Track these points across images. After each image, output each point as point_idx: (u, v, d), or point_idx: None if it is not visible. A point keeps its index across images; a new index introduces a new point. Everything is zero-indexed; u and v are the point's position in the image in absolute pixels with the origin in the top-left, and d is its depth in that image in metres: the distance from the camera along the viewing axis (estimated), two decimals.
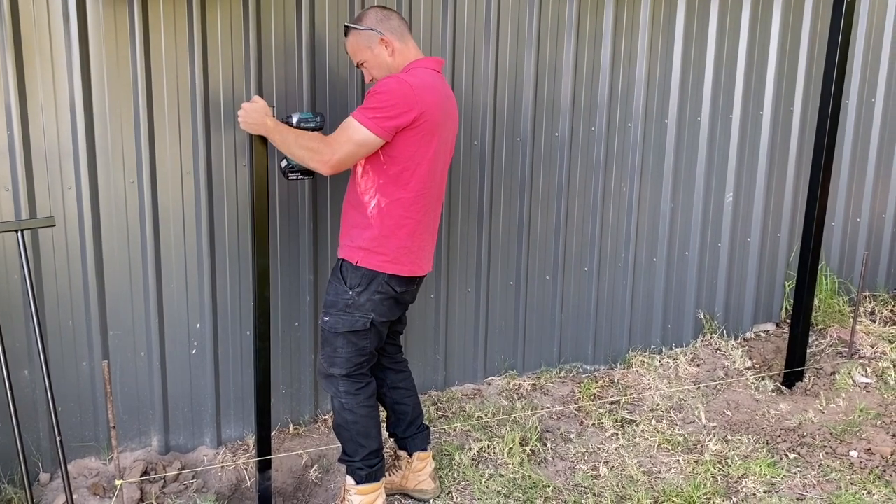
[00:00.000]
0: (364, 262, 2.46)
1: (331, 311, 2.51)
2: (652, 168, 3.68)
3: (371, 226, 2.45)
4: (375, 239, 2.45)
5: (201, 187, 2.82)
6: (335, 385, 2.56)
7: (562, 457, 3.07)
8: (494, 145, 3.33)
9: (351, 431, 2.57)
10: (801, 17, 3.84)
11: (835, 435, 3.20)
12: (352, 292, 2.47)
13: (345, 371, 2.53)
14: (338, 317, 2.49)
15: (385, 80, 2.38)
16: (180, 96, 2.74)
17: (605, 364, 3.81)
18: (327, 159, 2.36)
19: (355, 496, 2.60)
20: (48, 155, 2.62)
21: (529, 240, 3.51)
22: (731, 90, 3.76)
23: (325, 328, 2.54)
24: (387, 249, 2.46)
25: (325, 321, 2.53)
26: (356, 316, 2.48)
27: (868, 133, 4.21)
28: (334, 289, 2.52)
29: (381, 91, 2.35)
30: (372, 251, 2.45)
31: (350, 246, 2.49)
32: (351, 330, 2.49)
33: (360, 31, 2.50)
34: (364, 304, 2.48)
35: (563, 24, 3.36)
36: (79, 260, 2.73)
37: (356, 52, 2.53)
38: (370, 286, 2.47)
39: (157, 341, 2.88)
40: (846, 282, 4.34)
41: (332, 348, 2.53)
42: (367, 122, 2.32)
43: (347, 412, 2.55)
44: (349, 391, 2.55)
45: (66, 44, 2.57)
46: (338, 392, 2.56)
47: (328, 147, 2.36)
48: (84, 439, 2.86)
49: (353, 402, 2.55)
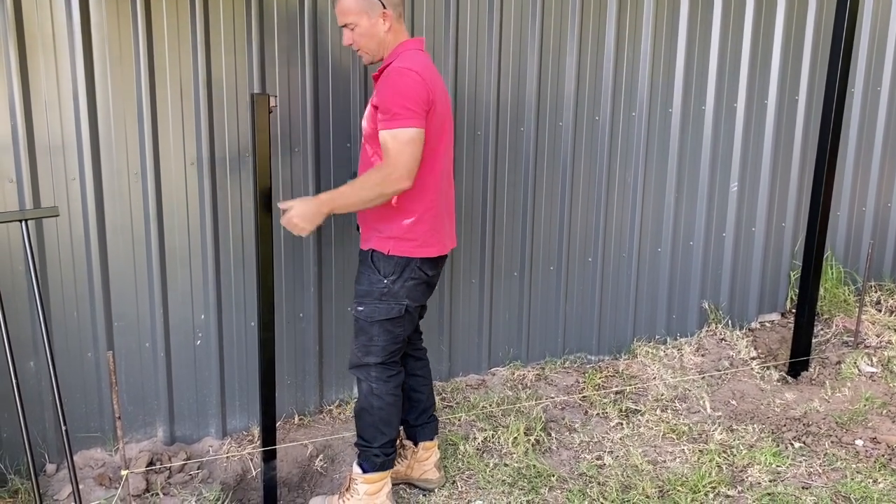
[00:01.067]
0: (395, 250, 2.47)
1: (365, 301, 2.51)
2: (656, 158, 3.67)
3: (400, 214, 2.45)
4: (405, 226, 2.46)
5: (205, 178, 2.82)
6: (367, 372, 2.57)
7: (566, 446, 3.07)
8: (498, 136, 3.32)
9: (374, 417, 2.59)
10: (805, 5, 3.81)
11: (840, 424, 3.20)
12: (386, 280, 2.48)
13: (380, 359, 2.55)
14: (373, 306, 2.50)
15: (394, 79, 2.33)
16: (183, 87, 2.74)
17: (610, 354, 3.81)
18: (398, 175, 2.31)
19: (361, 484, 2.61)
20: (52, 147, 2.62)
21: (534, 230, 3.51)
22: (735, 79, 3.74)
23: (359, 318, 2.53)
24: (416, 234, 2.48)
25: (360, 311, 2.52)
26: (391, 303, 2.50)
27: (874, 122, 4.19)
28: (367, 278, 2.51)
29: (398, 88, 2.31)
30: (402, 239, 2.47)
31: (379, 237, 2.48)
32: (387, 318, 2.51)
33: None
34: (398, 291, 2.49)
35: (567, 13, 3.34)
36: (83, 251, 2.73)
37: (350, 12, 2.40)
38: (404, 273, 2.49)
39: (162, 332, 2.89)
40: (852, 271, 4.33)
41: (367, 337, 2.54)
42: (406, 121, 2.30)
43: (375, 397, 2.57)
44: (380, 377, 2.57)
45: (69, 36, 2.56)
46: (369, 377, 2.57)
47: (390, 167, 2.31)
48: (89, 430, 2.87)
49: (382, 388, 2.58)
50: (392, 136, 2.31)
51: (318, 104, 2.96)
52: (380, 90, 2.36)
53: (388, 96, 2.32)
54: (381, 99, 2.33)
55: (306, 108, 2.94)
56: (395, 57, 2.42)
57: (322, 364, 3.21)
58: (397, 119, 2.29)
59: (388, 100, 2.31)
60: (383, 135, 2.32)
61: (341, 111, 3.01)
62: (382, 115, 2.32)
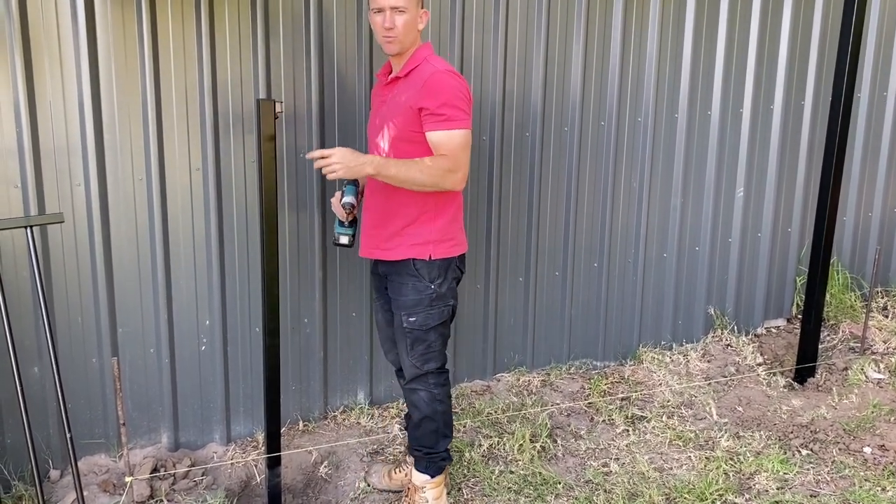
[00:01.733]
0: (437, 253, 2.46)
1: (416, 311, 2.48)
2: (662, 163, 3.66)
3: (437, 215, 2.45)
4: (441, 227, 2.46)
5: (210, 183, 2.82)
6: (426, 381, 2.56)
7: (572, 453, 3.06)
8: (503, 141, 3.31)
9: (438, 422, 2.60)
10: (811, 9, 3.80)
11: (848, 431, 3.18)
12: (433, 285, 2.47)
13: (439, 363, 2.56)
14: (426, 313, 2.48)
15: (446, 81, 2.33)
16: (188, 92, 2.73)
17: (615, 360, 3.79)
18: (461, 175, 2.35)
19: (430, 490, 2.63)
20: (57, 152, 2.62)
21: (539, 235, 3.50)
22: (741, 84, 3.73)
23: (413, 328, 2.49)
24: (452, 234, 2.49)
25: (413, 322, 2.48)
26: (441, 307, 2.50)
27: (880, 127, 4.18)
28: (413, 288, 2.47)
29: (453, 91, 2.32)
30: (441, 241, 2.46)
31: (415, 244, 2.45)
32: (441, 321, 2.51)
33: None
34: (445, 292, 2.50)
35: (573, 18, 3.33)
36: (88, 256, 2.73)
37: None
38: (447, 274, 2.50)
39: (167, 338, 2.88)
40: (858, 277, 4.31)
41: (425, 346, 2.52)
42: (462, 122, 2.32)
43: (438, 403, 2.58)
44: (439, 382, 2.58)
45: (74, 41, 2.56)
46: (428, 385, 2.56)
47: (454, 164, 2.32)
48: (94, 436, 2.87)
49: (443, 392, 2.59)
50: (449, 136, 2.32)
51: (323, 109, 2.96)
52: (428, 92, 2.31)
53: (444, 97, 2.31)
54: (434, 100, 2.31)
55: (312, 114, 2.93)
56: (419, 60, 2.40)
57: (327, 370, 3.20)
58: (454, 121, 2.31)
59: (443, 101, 2.30)
60: (439, 135, 2.32)
61: (347, 116, 3.00)
62: (435, 116, 2.31)
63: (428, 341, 2.51)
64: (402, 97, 2.38)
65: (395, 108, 2.40)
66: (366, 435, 3.13)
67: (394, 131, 2.40)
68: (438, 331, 2.52)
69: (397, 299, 2.52)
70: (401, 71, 2.42)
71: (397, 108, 2.39)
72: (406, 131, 2.37)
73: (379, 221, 2.51)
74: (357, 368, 3.26)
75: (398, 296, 2.51)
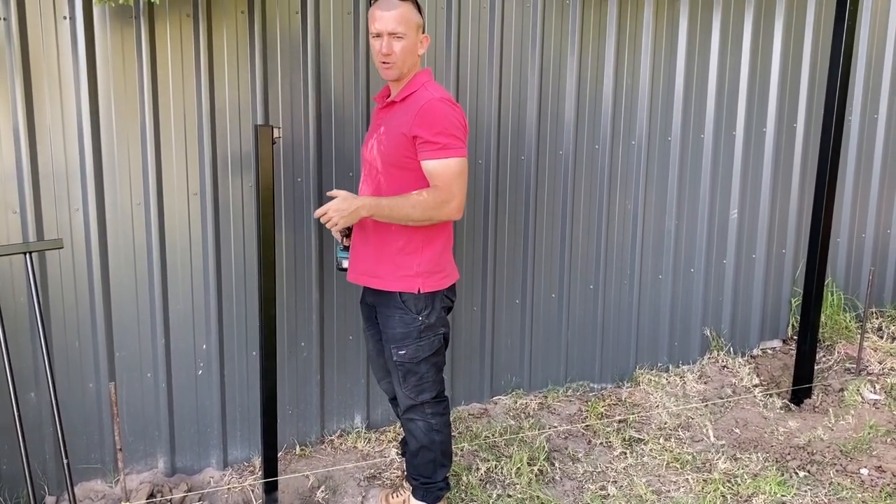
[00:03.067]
0: (427, 287, 2.42)
1: (405, 343, 2.44)
2: (656, 185, 3.69)
3: (426, 245, 2.41)
4: (432, 259, 2.42)
5: (208, 208, 2.83)
6: (422, 411, 2.53)
7: (570, 476, 3.05)
8: (499, 164, 3.34)
9: (436, 452, 2.57)
10: (802, 34, 3.86)
11: (844, 452, 3.18)
12: (421, 317, 2.43)
13: (434, 392, 2.53)
14: (415, 345, 2.45)
15: (443, 109, 2.31)
16: (187, 118, 2.76)
17: (612, 382, 3.79)
18: (455, 206, 2.32)
19: None
20: (56, 177, 2.63)
21: (534, 257, 3.51)
22: (734, 107, 3.77)
23: (404, 361, 2.46)
24: (442, 265, 2.46)
25: (403, 354, 2.45)
26: (431, 337, 2.47)
27: (871, 149, 4.22)
28: (400, 320, 2.43)
29: (449, 119, 2.31)
30: (431, 273, 2.42)
31: (404, 276, 2.41)
32: (432, 352, 2.48)
33: (419, 12, 2.39)
34: (434, 322, 2.46)
35: (566, 43, 3.38)
36: (86, 281, 2.74)
37: (405, 23, 2.32)
38: (434, 305, 2.46)
39: (164, 362, 2.88)
40: (853, 298, 4.33)
41: (417, 377, 2.49)
42: (457, 151, 2.30)
43: (436, 433, 2.55)
44: (436, 412, 2.55)
45: (73, 67, 2.59)
46: (425, 415, 2.53)
47: (447, 195, 2.31)
48: (90, 461, 2.85)
49: (441, 421, 2.56)
50: (445, 165, 2.30)
51: (321, 134, 2.98)
52: (423, 120, 2.30)
53: (439, 126, 2.29)
54: (429, 128, 2.29)
55: (309, 139, 2.96)
56: (418, 85, 2.38)
57: (324, 393, 3.20)
58: (449, 149, 2.29)
59: (438, 130, 2.29)
60: (434, 164, 2.30)
61: (344, 141, 3.03)
62: (430, 144, 2.29)
63: (419, 373, 2.48)
64: (397, 122, 2.36)
65: (389, 132, 2.38)
66: (363, 459, 3.12)
67: (387, 157, 2.38)
68: (430, 361, 2.49)
69: (386, 332, 2.49)
70: (397, 95, 2.41)
71: (391, 134, 2.37)
72: (399, 158, 2.36)
73: (368, 246, 2.47)
74: (354, 392, 3.26)
75: (386, 328, 2.48)
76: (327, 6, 2.91)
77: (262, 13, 2.80)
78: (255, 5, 2.78)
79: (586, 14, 3.39)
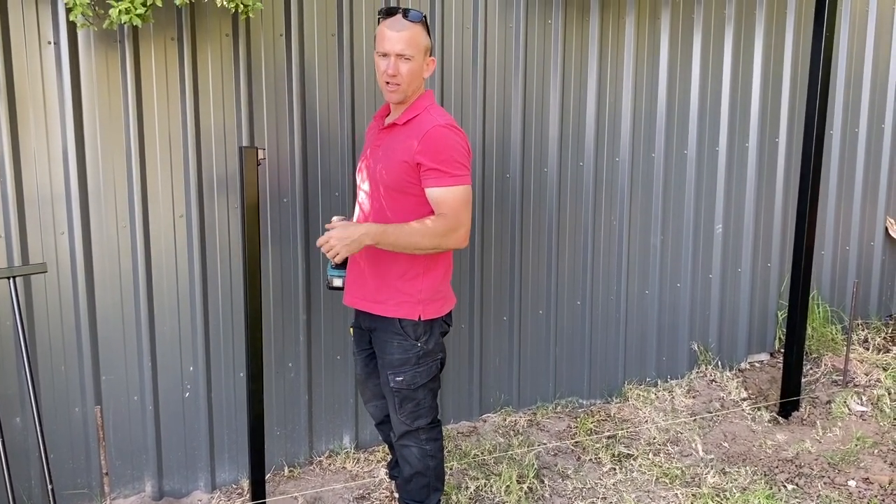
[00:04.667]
0: (427, 314, 2.39)
1: (404, 370, 2.41)
2: (641, 201, 3.72)
3: (427, 272, 2.38)
4: (433, 286, 2.39)
5: (194, 230, 2.84)
6: (416, 437, 2.50)
7: (559, 493, 3.05)
8: (484, 182, 3.36)
9: (430, 477, 2.55)
10: (782, 50, 3.91)
11: (832, 464, 3.19)
12: (420, 343, 2.40)
13: (430, 418, 2.50)
14: (413, 371, 2.41)
15: (448, 136, 2.28)
16: (172, 140, 2.77)
17: (601, 398, 3.80)
18: (463, 234, 2.29)
19: None
20: (41, 201, 2.64)
21: (521, 274, 3.53)
22: (716, 123, 3.82)
23: (401, 388, 2.42)
24: (443, 292, 2.44)
25: (400, 381, 2.41)
26: (430, 363, 2.44)
27: (853, 162, 4.27)
28: (399, 346, 2.40)
29: (455, 147, 2.28)
30: (432, 300, 2.40)
31: (405, 302, 2.38)
32: (430, 378, 2.45)
33: (428, 35, 2.34)
34: (433, 348, 2.44)
35: (549, 62, 3.41)
36: (71, 305, 2.73)
37: (414, 45, 2.28)
38: (433, 330, 2.43)
39: (151, 385, 2.87)
40: (838, 310, 4.36)
41: (414, 403, 2.46)
42: (462, 179, 2.27)
43: (430, 458, 2.53)
44: (431, 437, 2.52)
45: (58, 91, 2.60)
46: (419, 440, 2.51)
47: (455, 223, 2.27)
48: (76, 486, 2.83)
49: (435, 447, 2.54)
50: (452, 193, 2.26)
51: (306, 155, 3.00)
52: (427, 147, 2.26)
53: (444, 154, 2.26)
54: (433, 156, 2.26)
55: (295, 159, 2.97)
56: (419, 109, 2.34)
57: (312, 414, 3.19)
58: (454, 176, 2.26)
59: (444, 157, 2.26)
60: (439, 192, 2.26)
61: (329, 160, 3.04)
62: (435, 172, 2.26)
63: (416, 399, 2.45)
64: (400, 147, 2.31)
65: (391, 155, 2.33)
66: (352, 480, 3.11)
67: (388, 181, 2.34)
68: (427, 387, 2.45)
69: (383, 357, 2.45)
70: (400, 118, 2.35)
71: (393, 157, 2.32)
72: (402, 183, 2.31)
73: (368, 272, 2.44)
74: (342, 412, 3.25)
75: (383, 354, 2.44)
76: (311, 28, 2.93)
77: (247, 36, 2.83)
78: (240, 28, 2.80)
79: (568, 33, 3.43)
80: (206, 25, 2.75)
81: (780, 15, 3.88)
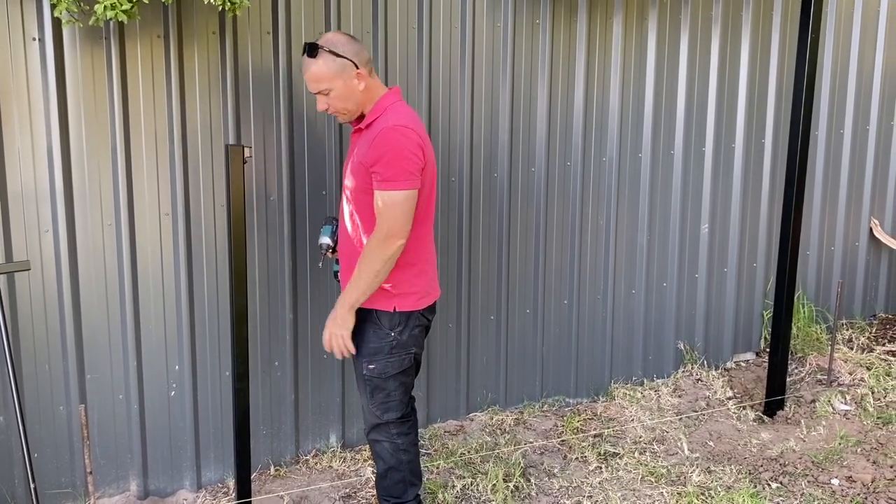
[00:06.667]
0: (401, 306, 2.43)
1: (376, 359, 2.45)
2: (628, 201, 3.73)
3: (403, 267, 2.40)
4: (407, 281, 2.43)
5: (179, 228, 2.83)
6: (387, 431, 2.53)
7: (546, 492, 3.06)
8: (472, 181, 3.36)
9: (404, 472, 2.56)
10: (768, 51, 3.94)
11: (816, 463, 3.22)
12: (393, 333, 2.44)
13: (399, 413, 2.52)
14: (385, 361, 2.45)
15: (392, 138, 2.28)
16: (158, 138, 2.75)
17: (588, 397, 3.81)
18: (390, 234, 2.28)
19: None
20: (25, 198, 2.62)
21: (509, 274, 3.53)
22: (702, 123, 3.83)
23: (373, 377, 2.47)
24: (418, 287, 2.46)
25: (372, 369, 2.46)
26: (402, 355, 2.47)
27: (838, 163, 4.31)
28: (374, 335, 2.45)
29: (396, 150, 2.28)
30: (406, 294, 2.43)
31: (383, 294, 2.41)
32: (401, 370, 2.48)
33: (336, 57, 2.33)
34: (406, 340, 2.47)
35: (537, 62, 3.42)
36: (56, 303, 2.71)
37: (323, 78, 2.34)
38: (409, 322, 2.46)
39: (136, 384, 2.85)
40: (823, 310, 4.39)
41: (384, 394, 2.49)
42: (403, 183, 2.27)
43: (402, 452, 2.54)
44: (402, 432, 2.54)
45: (43, 88, 2.58)
46: (390, 435, 2.53)
47: (382, 229, 2.29)
48: (60, 486, 2.81)
49: (406, 441, 2.55)
50: (389, 198, 2.28)
51: (293, 151, 2.99)
52: (373, 150, 2.30)
53: (385, 158, 2.27)
54: (377, 160, 2.28)
55: (281, 157, 2.96)
56: (379, 111, 2.38)
57: (298, 413, 3.18)
58: (393, 181, 2.27)
59: (385, 162, 2.27)
60: (378, 197, 2.29)
61: (316, 158, 3.04)
62: (378, 176, 2.29)
63: (387, 390, 2.48)
64: (360, 150, 2.37)
65: (355, 159, 2.40)
66: (338, 478, 3.11)
67: (354, 182, 2.41)
68: (398, 379, 2.49)
69: (358, 346, 2.49)
70: (363, 122, 2.42)
71: (356, 161, 2.38)
72: (363, 183, 2.37)
73: (349, 269, 2.50)
74: (329, 411, 3.25)
75: (359, 343, 2.48)
76: (298, 25, 2.92)
77: (234, 33, 2.82)
78: (227, 25, 2.79)
79: (556, 33, 3.43)
80: (192, 23, 2.74)
81: (766, 16, 3.91)
